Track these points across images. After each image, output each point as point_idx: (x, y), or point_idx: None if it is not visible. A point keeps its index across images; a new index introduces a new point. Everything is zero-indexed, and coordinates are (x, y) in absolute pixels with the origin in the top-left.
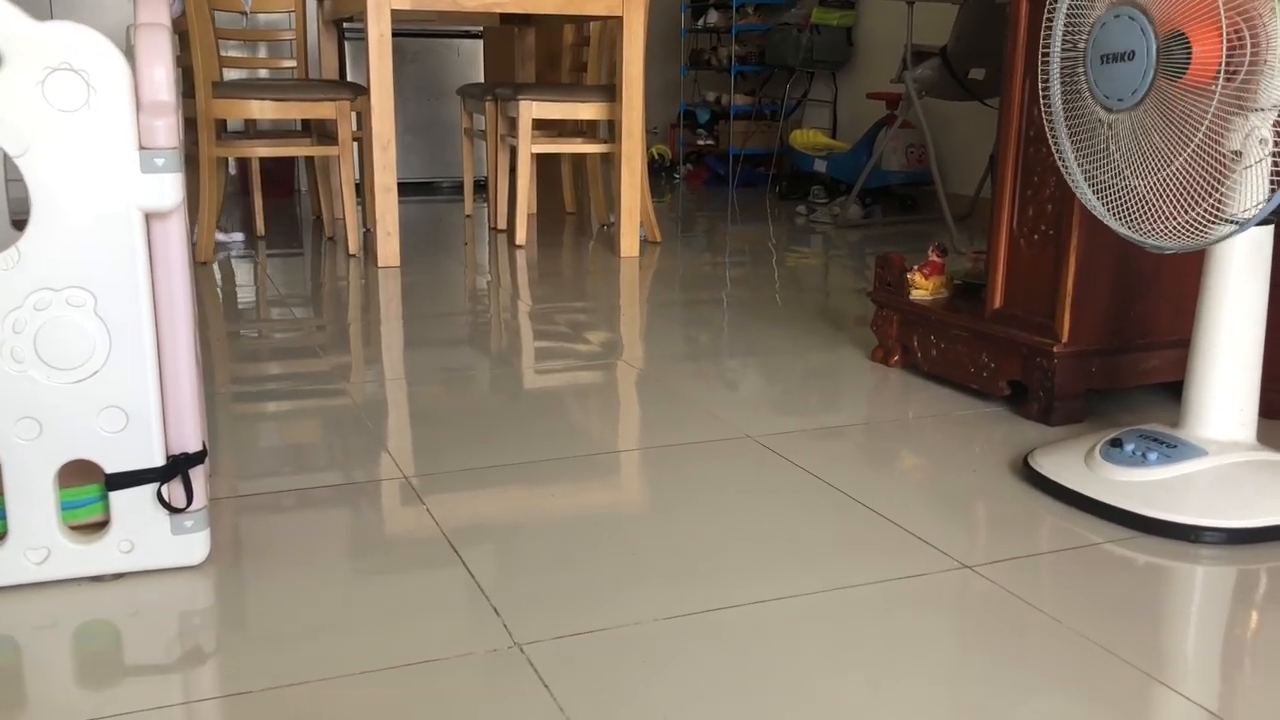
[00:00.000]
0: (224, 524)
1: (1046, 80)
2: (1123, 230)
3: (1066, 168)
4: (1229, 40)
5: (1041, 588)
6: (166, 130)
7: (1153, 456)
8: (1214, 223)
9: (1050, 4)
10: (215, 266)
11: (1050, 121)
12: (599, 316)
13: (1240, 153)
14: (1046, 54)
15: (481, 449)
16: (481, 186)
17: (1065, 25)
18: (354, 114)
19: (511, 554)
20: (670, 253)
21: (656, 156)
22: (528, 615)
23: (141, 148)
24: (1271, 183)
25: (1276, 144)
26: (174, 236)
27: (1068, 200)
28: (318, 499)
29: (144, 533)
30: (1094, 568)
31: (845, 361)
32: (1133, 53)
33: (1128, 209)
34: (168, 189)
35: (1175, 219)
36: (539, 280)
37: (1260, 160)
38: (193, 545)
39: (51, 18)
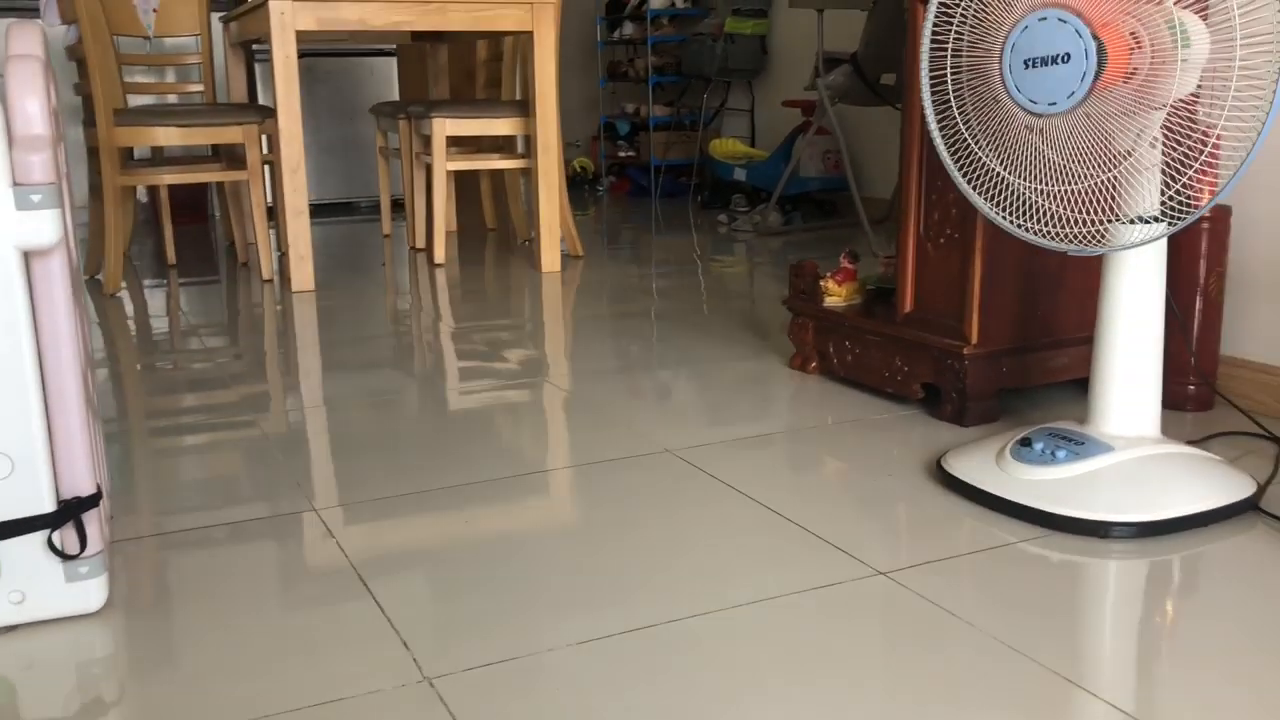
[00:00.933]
0: (130, 565)
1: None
2: (1028, 235)
3: (952, 177)
4: (1129, 43)
5: (957, 591)
6: (42, 165)
7: (1061, 454)
8: (1146, 222)
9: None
10: (126, 297)
11: (927, 128)
12: (521, 334)
13: (1131, 153)
14: (939, 67)
15: (398, 476)
16: (399, 205)
17: (969, 28)
18: (265, 137)
19: (423, 584)
20: (593, 266)
21: (579, 170)
22: (438, 647)
23: (16, 184)
24: (1166, 183)
25: (1175, 143)
26: (56, 274)
27: (970, 204)
28: (227, 536)
29: (36, 582)
30: (1008, 568)
31: (767, 370)
32: (1068, 55)
33: (1040, 213)
34: (46, 226)
35: (1099, 222)
36: (460, 299)
37: (1156, 163)
38: (89, 592)
39: None
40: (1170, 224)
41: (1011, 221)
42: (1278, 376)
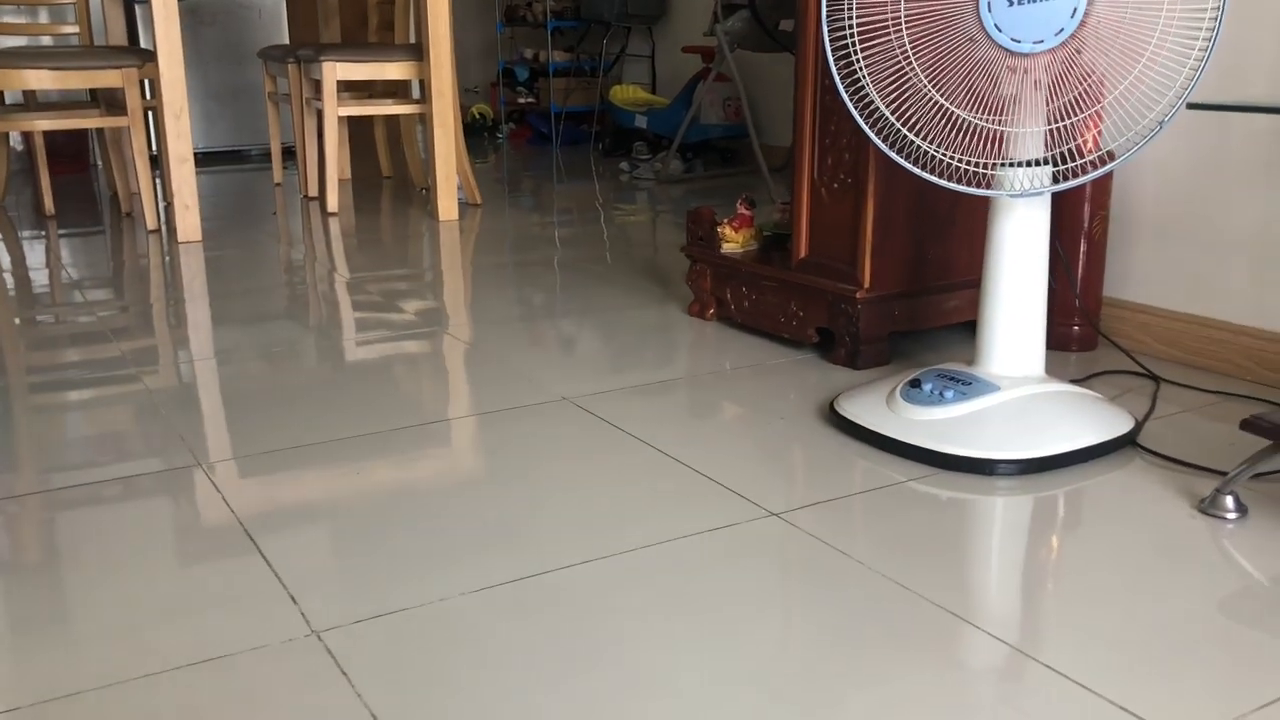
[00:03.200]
0: (20, 522)
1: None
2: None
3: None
4: None
5: (848, 531)
6: None
7: (949, 394)
8: (1032, 165)
9: None
10: (2, 249)
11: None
12: (419, 284)
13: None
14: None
15: (289, 430)
16: (291, 153)
17: None
18: (146, 81)
19: (313, 538)
20: (493, 214)
21: (477, 116)
22: (326, 601)
23: None
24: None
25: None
26: None
27: (864, 148)
28: (112, 493)
29: None
30: (898, 507)
31: (667, 318)
32: None
33: (936, 160)
34: None
35: (991, 165)
36: (355, 249)
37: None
38: None
39: None
40: (1056, 174)
41: (916, 164)
42: (1157, 317)
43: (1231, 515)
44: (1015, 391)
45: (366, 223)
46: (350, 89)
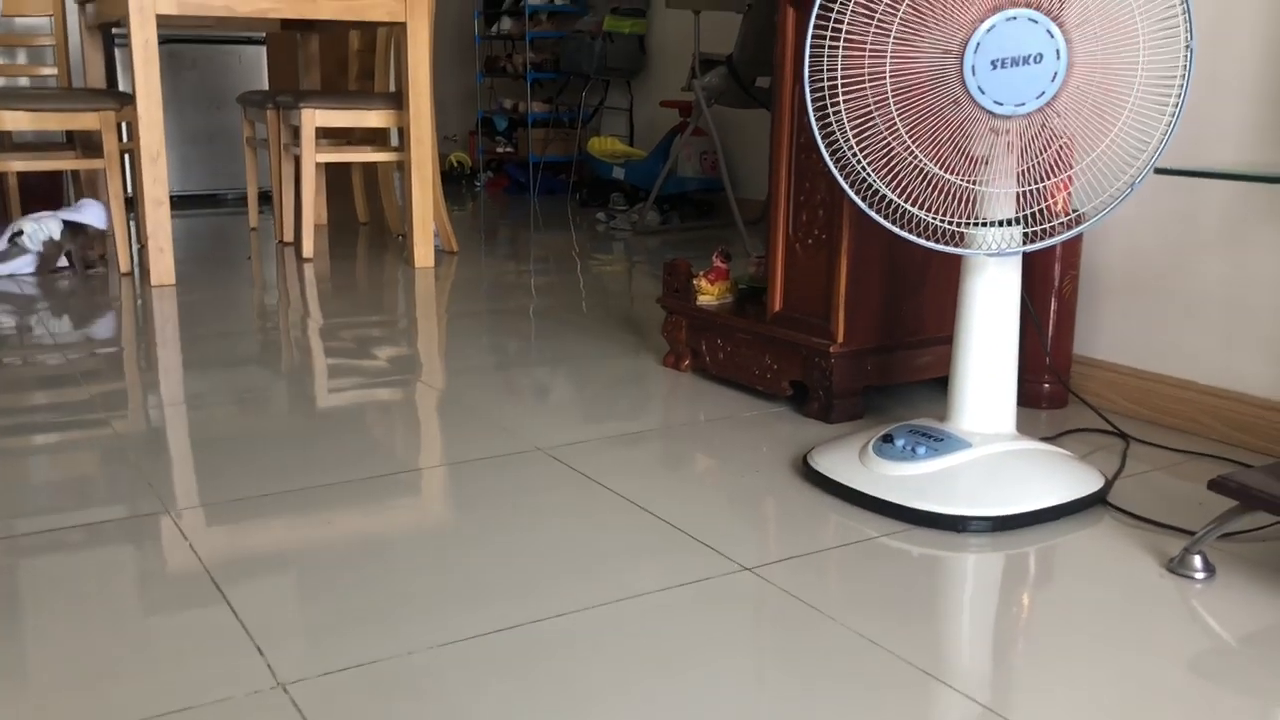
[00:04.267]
0: None
1: (824, 94)
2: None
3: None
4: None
5: (820, 586)
6: None
7: (921, 450)
8: (1002, 224)
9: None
10: None
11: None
12: (393, 331)
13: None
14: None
15: (259, 477)
16: (267, 198)
17: (910, 30)
18: (123, 124)
19: (279, 588)
20: (469, 262)
21: (455, 165)
22: (293, 652)
23: None
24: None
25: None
26: None
27: (838, 204)
28: (76, 540)
29: None
30: (870, 563)
31: (642, 368)
32: (1040, 55)
33: (910, 218)
34: None
35: (962, 224)
36: (330, 295)
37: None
38: None
39: None
40: (1028, 235)
41: (890, 220)
42: (1126, 375)
43: (1200, 575)
44: (986, 449)
45: (342, 268)
46: (329, 135)
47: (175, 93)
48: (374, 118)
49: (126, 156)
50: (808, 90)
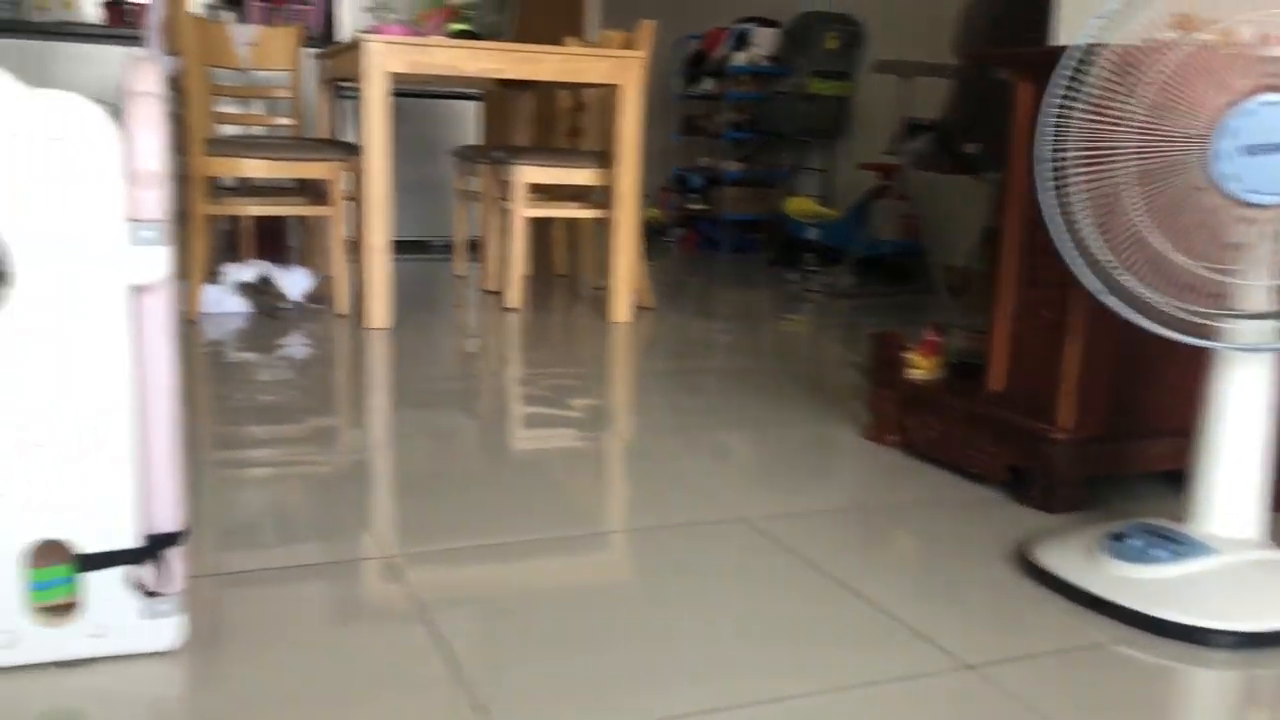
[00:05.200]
0: (202, 602)
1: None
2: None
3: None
4: None
5: (1046, 691)
6: (155, 202)
7: (1159, 553)
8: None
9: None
10: (203, 325)
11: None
12: (590, 383)
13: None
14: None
15: (466, 525)
16: (473, 246)
17: (1144, 114)
18: (349, 173)
19: (489, 638)
20: (662, 319)
21: (648, 220)
22: (503, 704)
23: (129, 220)
24: None
25: None
26: (159, 310)
27: (1071, 285)
28: (297, 578)
29: (115, 617)
30: (1100, 669)
31: (837, 438)
32: None
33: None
34: (155, 263)
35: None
36: (530, 344)
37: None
38: (165, 630)
39: (49, 78)
40: None
41: (1130, 307)
42: None
43: None
44: (1234, 556)
45: (542, 319)
46: (536, 190)
47: (393, 143)
48: (582, 175)
49: (348, 203)
50: (1040, 166)
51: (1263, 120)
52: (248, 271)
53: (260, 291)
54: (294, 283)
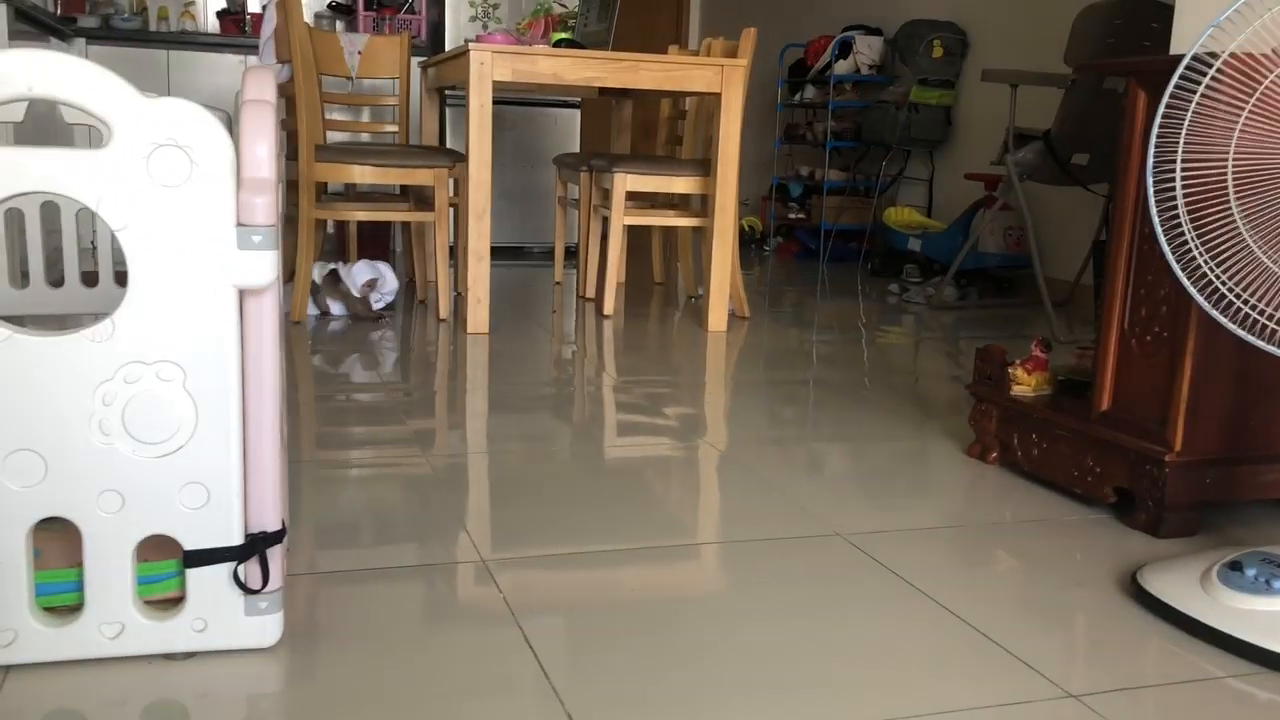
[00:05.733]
0: (299, 599)
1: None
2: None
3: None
4: None
5: None
6: (265, 208)
7: (1278, 585)
8: None
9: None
10: (308, 327)
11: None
12: (684, 392)
13: None
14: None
15: (559, 531)
16: (571, 253)
17: (1258, 122)
18: (452, 179)
19: (580, 646)
20: (758, 328)
21: (747, 229)
22: (592, 713)
23: (240, 224)
24: None
25: None
26: (266, 313)
27: (1183, 301)
28: (392, 578)
29: (218, 612)
30: (1212, 705)
31: (937, 454)
32: None
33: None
34: (264, 267)
35: None
36: (625, 351)
37: None
38: (266, 627)
39: (169, 85)
40: None
41: (1245, 326)
42: None
43: None
44: None
45: (638, 327)
46: (635, 198)
47: (496, 150)
48: (681, 184)
49: (451, 209)
50: (1150, 179)
51: None
52: (316, 271)
53: (331, 289)
54: (358, 274)
